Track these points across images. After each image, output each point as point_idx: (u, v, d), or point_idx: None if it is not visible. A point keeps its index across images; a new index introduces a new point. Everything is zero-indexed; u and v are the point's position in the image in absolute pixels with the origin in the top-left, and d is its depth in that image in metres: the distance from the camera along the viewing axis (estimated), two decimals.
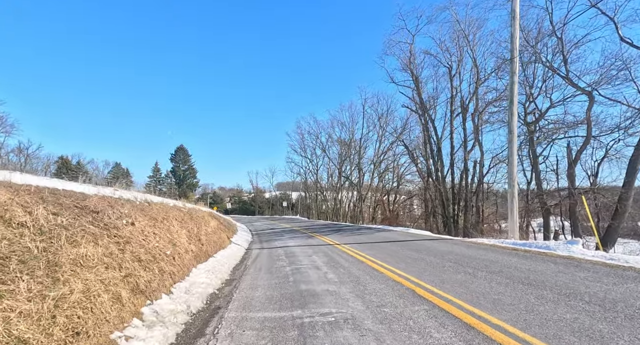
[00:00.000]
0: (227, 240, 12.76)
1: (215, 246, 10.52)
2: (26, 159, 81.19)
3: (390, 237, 13.35)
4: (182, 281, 6.00)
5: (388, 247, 10.30)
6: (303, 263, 8.58)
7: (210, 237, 10.74)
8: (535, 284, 4.98)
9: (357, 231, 17.35)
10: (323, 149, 46.61)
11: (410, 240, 11.67)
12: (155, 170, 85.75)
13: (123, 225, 6.07)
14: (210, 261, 8.51)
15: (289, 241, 14.70)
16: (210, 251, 9.51)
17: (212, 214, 15.93)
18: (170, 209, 9.54)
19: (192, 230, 9.23)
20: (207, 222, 11.93)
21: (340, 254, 9.72)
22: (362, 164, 37.84)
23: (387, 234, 14.78)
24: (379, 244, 11.24)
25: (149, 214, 7.54)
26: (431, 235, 13.25)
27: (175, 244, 7.14)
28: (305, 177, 56.69)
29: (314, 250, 10.88)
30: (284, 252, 11.02)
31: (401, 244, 10.88)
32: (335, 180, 47.00)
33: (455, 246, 9.46)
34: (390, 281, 5.91)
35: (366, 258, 8.53)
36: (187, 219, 9.94)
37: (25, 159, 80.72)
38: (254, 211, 77.87)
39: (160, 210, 8.42)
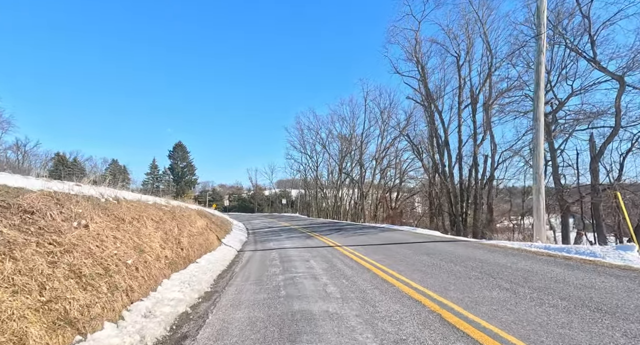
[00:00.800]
0: (216, 242, 11.53)
1: (201, 249, 9.29)
2: (24, 156, 79.93)
3: (397, 237, 12.12)
4: (143, 299, 4.76)
5: (396, 250, 9.06)
6: (299, 270, 7.35)
7: (195, 239, 9.51)
8: (608, 310, 3.71)
9: (359, 231, 16.12)
10: (323, 145, 45.34)
11: (420, 242, 10.43)
12: (152, 167, 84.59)
13: (71, 228, 4.83)
14: (190, 269, 7.28)
15: (286, 242, 13.48)
16: (192, 256, 8.28)
17: (201, 212, 14.70)
18: (147, 208, 8.30)
19: (170, 232, 7.99)
20: (192, 221, 10.69)
21: (342, 258, 8.49)
22: (363, 160, 36.52)
23: (392, 234, 13.55)
24: (386, 247, 10.01)
25: (115, 213, 6.30)
26: (443, 237, 11.99)
27: (144, 250, 5.91)
28: (305, 174, 55.47)
29: (312, 254, 9.66)
30: (278, 256, 9.79)
31: (411, 247, 9.65)
32: (335, 178, 45.76)
33: (476, 250, 8.23)
34: (406, 299, 4.68)
35: (372, 264, 7.30)
36: (168, 219, 8.70)
37: (23, 156, 79.50)
38: (254, 209, 76.74)
39: (131, 209, 7.18)
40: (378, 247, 10.00)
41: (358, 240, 12.27)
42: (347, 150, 40.96)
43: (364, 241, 11.80)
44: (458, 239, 10.85)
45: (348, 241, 12.08)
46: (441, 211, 21.13)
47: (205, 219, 13.95)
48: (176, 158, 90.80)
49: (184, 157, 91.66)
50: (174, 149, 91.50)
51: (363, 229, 16.78)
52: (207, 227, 12.05)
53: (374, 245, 10.47)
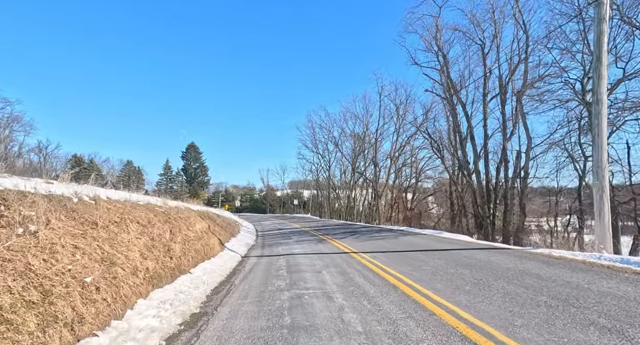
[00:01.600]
0: (218, 247, 10.38)
1: (197, 256, 8.13)
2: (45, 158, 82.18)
3: (421, 243, 10.66)
4: (98, 333, 3.56)
5: (424, 260, 7.65)
6: (308, 285, 6.06)
7: (192, 244, 8.35)
8: None
9: (376, 234, 14.71)
10: (335, 144, 43.94)
11: (450, 249, 8.96)
12: (166, 168, 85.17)
13: (11, 236, 3.70)
14: (180, 282, 6.10)
15: (296, 246, 12.23)
16: (185, 265, 7.11)
17: (204, 214, 13.62)
18: (135, 209, 7.18)
19: (159, 238, 6.84)
20: (190, 224, 9.57)
21: (360, 269, 7.14)
22: (377, 159, 34.90)
23: (414, 238, 12.09)
24: (410, 254, 8.59)
25: (86, 216, 5.17)
26: (475, 243, 10.40)
27: (115, 262, 4.74)
28: (317, 174, 54.24)
29: (324, 262, 8.35)
30: (286, 264, 8.54)
31: (441, 255, 8.20)
32: (348, 178, 44.31)
33: (526, 261, 6.73)
34: (458, 339, 3.31)
35: (399, 279, 5.93)
36: (159, 222, 7.57)
37: (44, 158, 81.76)
38: (265, 209, 76.09)
39: (111, 211, 6.06)
40: (401, 255, 8.60)
41: (376, 245, 10.89)
42: (360, 148, 39.46)
43: (382, 247, 10.41)
44: (496, 246, 9.28)
45: (365, 247, 10.71)
46: (465, 212, 19.40)
47: (208, 220, 12.85)
48: (189, 159, 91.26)
49: (196, 157, 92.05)
50: (187, 150, 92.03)
51: (380, 232, 15.35)
52: (208, 231, 10.92)
53: (396, 253, 9.07)
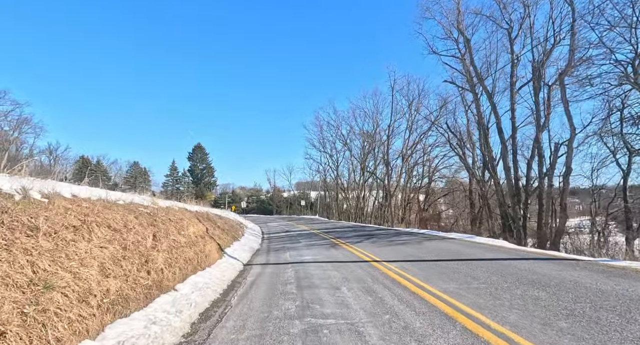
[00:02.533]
0: (216, 254, 8.94)
1: (188, 267, 6.69)
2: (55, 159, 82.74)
3: (453, 250, 9.06)
4: None
5: (470, 273, 6.08)
6: (326, 310, 4.56)
7: (182, 252, 6.92)
8: None
9: (395, 238, 13.13)
10: (344, 142, 42.35)
11: (497, 259, 7.34)
12: (172, 169, 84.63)
13: None
14: (157, 305, 4.65)
15: (305, 252, 10.74)
16: (170, 279, 5.67)
17: (203, 215, 12.22)
18: (108, 210, 5.79)
19: (134, 246, 5.41)
20: (183, 227, 8.15)
21: (391, 286, 5.62)
22: (389, 157, 33.17)
23: (442, 244, 10.48)
24: (447, 265, 7.01)
25: (22, 219, 3.78)
26: (524, 250, 8.50)
27: (52, 286, 3.30)
28: (325, 174, 52.74)
29: (341, 274, 6.85)
30: (295, 276, 7.06)
31: (489, 267, 6.61)
32: (357, 177, 42.69)
33: (622, 281, 5.12)
34: None
35: (450, 304, 4.39)
36: (139, 225, 6.16)
37: (54, 160, 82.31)
38: (272, 211, 74.87)
39: (70, 213, 4.66)
40: (435, 266, 7.03)
41: (399, 252, 9.33)
42: (370, 147, 37.82)
43: (408, 254, 8.84)
44: (556, 256, 7.52)
45: (386, 254, 9.16)
46: (490, 214, 17.65)
47: (207, 223, 11.45)
48: (195, 160, 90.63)
49: (203, 158, 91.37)
50: (193, 151, 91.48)
51: (399, 236, 13.75)
52: (205, 235, 9.50)
53: (427, 263, 7.50)
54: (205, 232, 9.98)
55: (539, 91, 14.63)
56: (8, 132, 55.72)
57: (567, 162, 12.35)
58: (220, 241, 10.75)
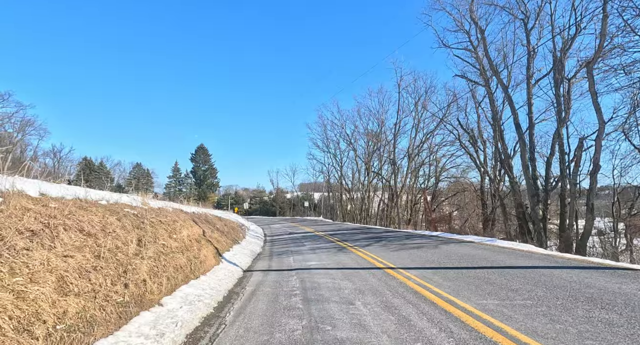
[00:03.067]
0: (213, 259, 8.10)
1: (179, 276, 5.85)
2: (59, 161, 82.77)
3: (477, 255, 8.13)
4: None
5: (506, 285, 5.18)
6: (340, 333, 3.70)
7: (172, 258, 6.09)
8: None
9: (407, 241, 12.22)
10: (349, 142, 41.43)
11: (533, 268, 6.40)
12: (175, 171, 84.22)
13: None
14: (134, 327, 3.81)
15: (311, 256, 9.89)
16: (155, 292, 4.84)
17: (200, 217, 11.41)
18: (83, 210, 4.98)
19: (112, 253, 4.58)
20: (175, 230, 7.32)
21: (415, 301, 4.74)
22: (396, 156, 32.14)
23: (461, 248, 9.56)
24: (475, 274, 6.10)
25: None
26: (563, 257, 7.19)
27: None
28: (329, 175, 51.87)
29: (354, 284, 5.98)
30: (300, 286, 6.21)
31: (527, 277, 5.70)
32: (362, 178, 41.75)
33: None
34: None
35: (498, 329, 3.49)
36: (121, 229, 5.34)
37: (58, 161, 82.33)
38: (275, 212, 74.05)
39: (27, 214, 3.86)
40: (461, 275, 6.13)
41: (415, 258, 8.43)
42: (375, 146, 36.88)
43: (426, 260, 7.94)
44: (604, 265, 6.36)
45: (401, 259, 8.27)
46: (506, 215, 16.61)
47: (205, 225, 10.63)
48: (198, 161, 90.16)
49: (205, 160, 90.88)
50: (196, 152, 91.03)
51: (411, 239, 12.84)
52: (200, 238, 8.67)
53: (451, 270, 6.60)
54: (202, 235, 9.16)
55: (560, 83, 13.64)
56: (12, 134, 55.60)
57: (594, 159, 11.36)
58: (218, 245, 9.92)
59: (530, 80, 15.02)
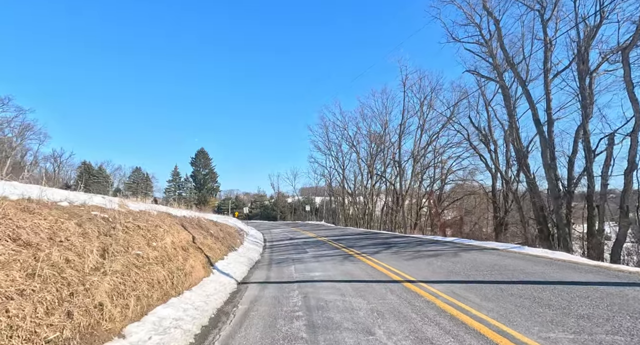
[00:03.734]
0: (202, 270, 6.99)
1: (155, 294, 4.75)
2: (59, 166, 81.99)
3: (512, 266, 6.98)
4: None
5: (571, 309, 4.06)
6: None
7: (147, 272, 5.00)
8: None
9: (421, 248, 11.08)
10: (351, 144, 40.37)
11: (596, 284, 5.21)
12: (174, 175, 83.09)
13: None
14: None
15: (314, 265, 8.78)
16: (117, 319, 3.74)
17: (192, 221, 10.32)
18: (27, 213, 3.94)
19: (54, 271, 3.49)
20: (156, 237, 6.23)
21: (454, 329, 3.63)
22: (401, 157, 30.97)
23: (488, 256, 8.41)
24: (519, 291, 4.97)
25: None
26: (614, 268, 5.86)
27: None
28: (330, 178, 50.75)
29: (369, 303, 4.88)
30: (303, 304, 5.11)
31: (594, 298, 4.57)
32: (365, 181, 40.62)
33: None
34: None
35: None
36: (80, 236, 4.26)
37: (58, 166, 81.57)
38: (276, 216, 72.86)
39: None
40: (503, 293, 5.01)
41: (436, 268, 7.30)
42: (379, 148, 35.80)
43: (450, 271, 6.81)
44: None
45: (420, 270, 7.15)
46: (524, 219, 15.44)
47: (196, 230, 9.54)
48: (198, 165, 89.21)
49: (206, 164, 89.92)
50: (196, 156, 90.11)
51: (424, 245, 11.70)
52: (189, 246, 7.56)
53: (485, 285, 5.47)
54: (191, 242, 8.06)
55: (585, 75, 12.60)
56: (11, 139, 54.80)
57: (630, 157, 10.26)
58: (210, 253, 8.81)
59: (548, 74, 13.98)
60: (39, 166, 73.69)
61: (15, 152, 57.52)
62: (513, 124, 15.36)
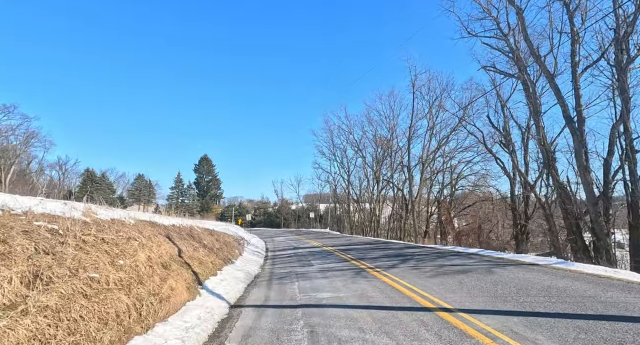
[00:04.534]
0: (184, 293, 5.71)
1: (104, 336, 3.48)
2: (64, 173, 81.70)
3: (579, 290, 5.57)
4: None
5: None
6: None
7: (101, 304, 3.73)
8: None
9: (442, 261, 9.71)
10: (357, 149, 39.10)
11: None
12: (177, 182, 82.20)
13: None
14: None
15: (321, 283, 7.46)
16: None
17: (182, 230, 9.07)
18: None
19: None
20: (123, 254, 4.98)
21: None
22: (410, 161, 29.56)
23: (535, 275, 7.01)
24: (620, 335, 3.64)
25: None
26: None
27: None
28: (335, 184, 49.44)
29: None
30: (310, 341, 3.81)
31: None
32: (371, 187, 39.23)
33: None
34: None
35: None
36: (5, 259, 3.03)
37: (63, 173, 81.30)
38: (280, 224, 71.38)
39: None
40: (597, 338, 3.68)
41: (472, 289, 5.95)
42: (386, 153, 34.49)
43: (492, 294, 5.47)
44: None
45: (451, 292, 5.81)
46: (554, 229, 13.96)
47: (185, 242, 8.28)
48: (202, 172, 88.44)
49: (209, 170, 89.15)
50: (200, 163, 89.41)
51: (446, 258, 10.30)
52: (171, 261, 6.29)
53: (559, 321, 4.12)
54: (176, 256, 6.81)
55: (626, 65, 11.26)
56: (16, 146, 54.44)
57: None
58: (200, 268, 7.54)
59: (577, 67, 12.72)
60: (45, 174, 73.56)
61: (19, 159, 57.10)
62: (539, 123, 13.96)
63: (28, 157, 58.79)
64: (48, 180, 74.09)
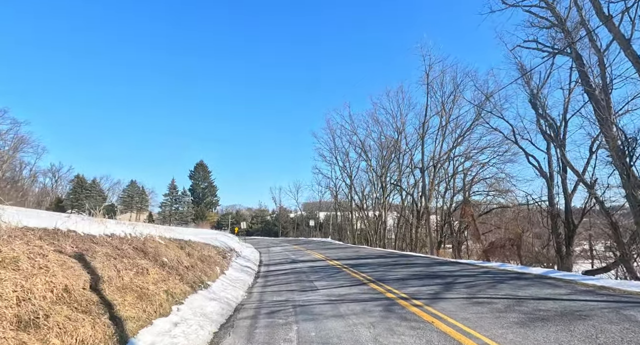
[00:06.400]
0: None
1: None
2: (57, 181, 78.33)
3: None
4: None
5: None
6: None
7: None
8: None
9: (508, 288, 6.79)
10: (362, 149, 36.19)
11: None
12: (171, 188, 78.72)
13: None
14: None
15: (334, 329, 4.47)
16: None
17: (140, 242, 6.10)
18: None
19: None
20: None
21: None
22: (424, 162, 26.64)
23: None
24: None
25: None
26: None
27: None
28: (336, 190, 46.49)
29: None
30: None
31: None
32: (376, 192, 36.28)
33: None
34: None
35: None
36: None
37: (56, 180, 77.93)
38: (278, 232, 68.05)
39: None
40: None
41: None
42: (394, 156, 31.69)
43: None
44: None
45: None
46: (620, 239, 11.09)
47: (119, 261, 5.32)
48: (197, 178, 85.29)
49: (205, 177, 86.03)
50: (195, 169, 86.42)
51: (508, 283, 7.36)
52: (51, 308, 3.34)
53: None
54: (79, 290, 3.84)
55: None
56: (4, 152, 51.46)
57: None
58: (135, 308, 4.58)
59: None
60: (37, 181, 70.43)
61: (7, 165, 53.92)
62: (608, 104, 10.86)
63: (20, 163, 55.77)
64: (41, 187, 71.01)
